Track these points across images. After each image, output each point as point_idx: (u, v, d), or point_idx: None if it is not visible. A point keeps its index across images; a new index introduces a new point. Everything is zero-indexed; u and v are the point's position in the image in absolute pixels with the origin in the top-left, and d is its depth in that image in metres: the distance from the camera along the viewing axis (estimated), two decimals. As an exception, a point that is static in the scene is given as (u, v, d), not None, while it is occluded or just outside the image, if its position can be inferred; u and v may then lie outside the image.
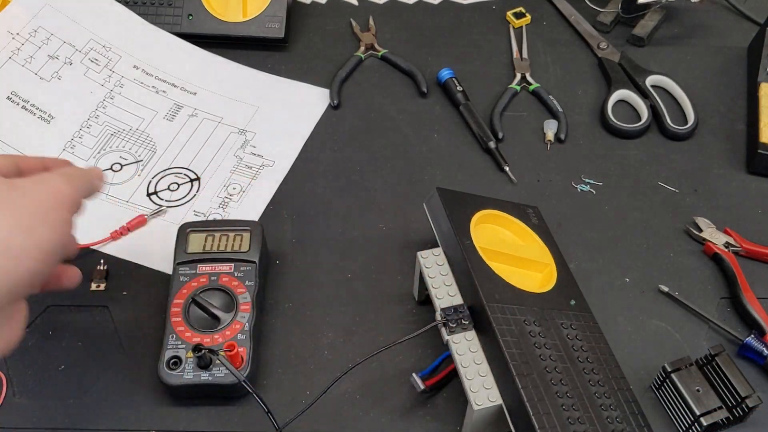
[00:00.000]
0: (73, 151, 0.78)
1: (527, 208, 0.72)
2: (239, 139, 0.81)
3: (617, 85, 0.88)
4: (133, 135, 0.81)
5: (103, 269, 0.70)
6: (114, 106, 0.82)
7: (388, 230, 0.75)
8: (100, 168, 0.63)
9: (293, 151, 0.81)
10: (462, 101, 0.85)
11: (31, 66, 0.81)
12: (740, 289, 0.69)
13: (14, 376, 0.64)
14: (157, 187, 0.77)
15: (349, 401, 0.63)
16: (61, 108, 0.81)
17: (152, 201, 0.76)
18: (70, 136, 0.79)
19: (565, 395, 0.55)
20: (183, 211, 0.76)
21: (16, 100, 0.79)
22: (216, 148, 0.81)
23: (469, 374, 0.56)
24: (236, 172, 0.79)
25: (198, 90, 0.86)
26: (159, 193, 0.77)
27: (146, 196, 0.76)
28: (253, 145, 0.81)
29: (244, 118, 0.84)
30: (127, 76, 0.85)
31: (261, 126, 0.83)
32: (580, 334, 0.61)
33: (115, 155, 0.79)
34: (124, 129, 0.81)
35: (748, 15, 0.97)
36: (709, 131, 0.85)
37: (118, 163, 0.78)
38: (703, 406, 0.60)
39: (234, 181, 0.78)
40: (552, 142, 0.83)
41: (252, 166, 0.79)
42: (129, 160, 0.79)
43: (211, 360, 0.61)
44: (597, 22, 0.96)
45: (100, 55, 0.85)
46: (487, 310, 0.57)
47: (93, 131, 0.80)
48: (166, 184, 0.77)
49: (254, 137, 0.82)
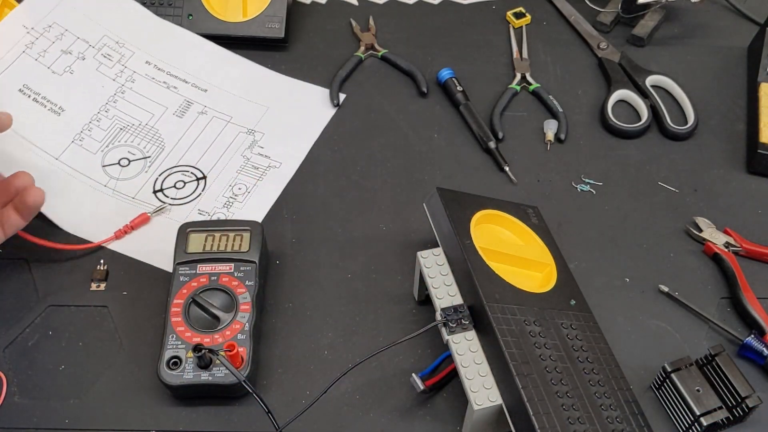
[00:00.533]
0: (82, 144, 0.79)
1: (527, 208, 0.72)
2: (247, 139, 0.82)
3: (617, 85, 0.88)
4: (142, 130, 0.81)
5: (103, 269, 0.70)
6: (124, 100, 0.83)
7: (388, 230, 0.75)
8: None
9: (300, 153, 0.81)
10: (462, 101, 0.85)
11: (44, 60, 0.82)
12: (740, 289, 0.69)
13: (14, 376, 0.64)
14: (163, 185, 0.77)
15: (349, 401, 0.63)
16: (72, 101, 0.81)
17: (158, 198, 0.76)
18: (80, 128, 0.80)
19: (565, 395, 0.55)
20: (188, 209, 0.76)
21: (27, 93, 0.79)
22: (224, 148, 0.81)
23: (469, 374, 0.56)
24: (242, 172, 0.79)
25: (209, 87, 0.86)
26: (165, 191, 0.77)
27: (152, 193, 0.77)
28: (261, 146, 0.81)
29: (253, 118, 0.84)
30: (139, 71, 0.85)
31: (270, 127, 0.83)
32: (580, 334, 0.61)
33: (123, 150, 0.79)
34: (134, 124, 0.81)
35: (748, 15, 0.97)
36: (709, 131, 0.85)
37: (125, 158, 0.79)
38: (703, 406, 0.60)
39: (240, 182, 0.78)
40: (552, 142, 0.83)
41: (258, 167, 0.79)
42: (137, 155, 0.79)
43: (211, 360, 0.61)
44: (597, 22, 0.96)
45: (113, 51, 0.86)
46: (487, 310, 0.57)
47: (102, 125, 0.80)
48: (173, 181, 0.78)
49: (262, 138, 0.82)
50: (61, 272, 0.71)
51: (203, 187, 0.77)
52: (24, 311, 0.68)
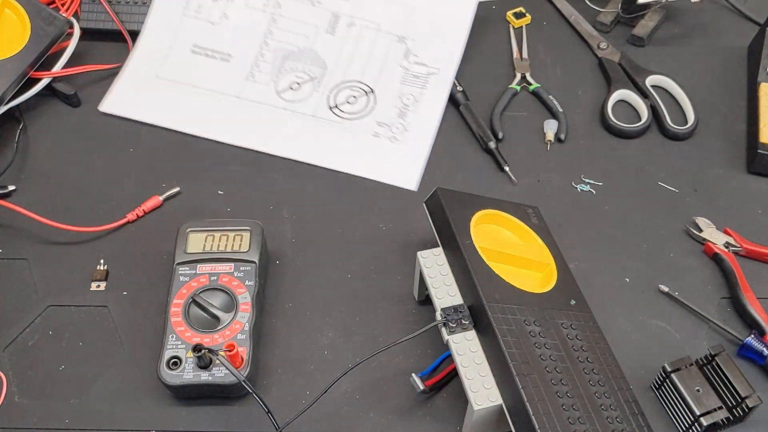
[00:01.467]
0: (254, 80, 0.85)
1: (527, 208, 0.72)
2: (400, 48, 0.86)
3: (617, 85, 0.88)
4: (302, 54, 0.86)
5: (103, 269, 0.70)
6: (279, 30, 0.87)
7: (388, 230, 0.75)
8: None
9: (455, 57, 0.86)
10: (462, 101, 0.85)
11: (201, 15, 0.88)
12: (740, 289, 0.69)
13: (14, 376, 0.64)
14: (336, 101, 0.82)
15: (349, 401, 0.63)
16: (236, 45, 0.87)
17: (334, 113, 0.82)
18: (249, 67, 0.86)
19: (565, 395, 0.55)
20: (367, 122, 0.82)
21: (198, 51, 0.87)
22: (381, 60, 0.85)
23: (469, 374, 0.56)
24: (406, 83, 0.84)
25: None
26: (339, 106, 0.82)
27: (328, 109, 0.82)
28: (415, 54, 0.85)
29: (400, 23, 0.87)
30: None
31: (418, 31, 0.87)
32: (580, 334, 0.61)
33: (291, 76, 0.85)
34: (293, 50, 0.87)
35: (748, 15, 0.97)
36: (709, 131, 0.85)
37: (296, 82, 0.85)
38: (703, 406, 0.60)
39: (406, 92, 0.83)
40: (552, 142, 0.83)
41: (419, 75, 0.84)
42: (305, 78, 0.85)
43: (211, 360, 0.61)
44: (597, 22, 0.96)
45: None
46: (487, 310, 0.57)
47: (267, 58, 0.86)
48: (345, 97, 0.83)
49: (414, 45, 0.86)
50: (61, 272, 0.71)
51: (374, 100, 0.82)
52: (24, 311, 0.68)
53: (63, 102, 0.85)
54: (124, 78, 0.86)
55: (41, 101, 0.84)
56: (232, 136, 0.81)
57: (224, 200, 0.77)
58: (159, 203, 0.76)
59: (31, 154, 0.80)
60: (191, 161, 0.80)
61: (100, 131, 0.83)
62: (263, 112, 0.84)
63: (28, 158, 0.80)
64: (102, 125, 0.83)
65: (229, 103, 0.84)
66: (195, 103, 0.84)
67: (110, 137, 0.82)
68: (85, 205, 0.76)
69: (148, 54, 0.87)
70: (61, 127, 0.83)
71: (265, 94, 0.85)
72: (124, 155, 0.80)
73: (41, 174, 0.78)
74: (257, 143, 0.81)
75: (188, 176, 0.79)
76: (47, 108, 0.85)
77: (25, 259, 0.71)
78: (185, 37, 0.88)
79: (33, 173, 0.79)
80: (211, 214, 0.75)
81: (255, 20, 0.88)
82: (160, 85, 0.85)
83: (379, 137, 0.81)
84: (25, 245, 0.72)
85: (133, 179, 0.78)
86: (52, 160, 0.80)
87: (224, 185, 0.78)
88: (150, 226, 0.75)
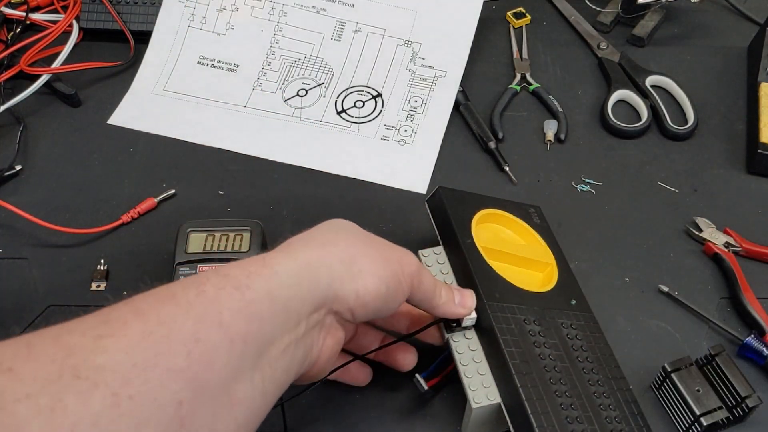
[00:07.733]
0: (261, 89, 0.86)
1: (529, 207, 0.72)
2: (407, 51, 0.86)
3: (617, 85, 0.88)
4: (308, 62, 0.87)
5: (103, 269, 0.70)
6: (284, 38, 0.88)
7: (388, 230, 0.75)
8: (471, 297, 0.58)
9: (461, 59, 0.86)
10: (462, 101, 0.85)
11: (206, 26, 0.88)
12: (740, 289, 0.69)
13: (14, 376, 0.64)
14: (344, 105, 0.83)
15: (349, 401, 0.63)
16: (243, 55, 0.88)
17: (342, 118, 0.82)
18: (256, 76, 0.87)
19: (564, 395, 0.55)
20: (374, 126, 0.82)
21: (204, 62, 0.87)
22: (387, 64, 0.85)
23: (468, 373, 0.56)
24: (413, 85, 0.84)
25: (354, 1, 0.89)
26: (347, 111, 0.83)
27: (336, 114, 0.82)
28: (421, 57, 0.86)
29: (406, 27, 0.87)
30: (288, 2, 0.89)
31: (424, 35, 0.87)
32: (580, 334, 0.61)
33: (298, 83, 0.86)
34: (300, 58, 0.87)
35: (748, 15, 0.98)
36: (709, 131, 0.85)
37: (303, 89, 0.85)
38: (703, 406, 0.60)
39: (413, 95, 0.83)
40: (552, 142, 0.83)
41: (426, 78, 0.85)
42: (311, 84, 0.85)
43: (211, 359, 0.60)
44: (597, 22, 0.96)
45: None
46: (488, 309, 0.57)
47: (273, 66, 0.87)
48: (352, 102, 0.84)
49: (420, 48, 0.86)
50: (61, 272, 0.71)
51: (382, 104, 0.83)
52: (24, 311, 0.68)
53: (63, 102, 0.85)
54: (132, 92, 0.86)
55: (41, 101, 0.85)
56: (241, 145, 0.81)
57: (224, 200, 0.77)
58: (154, 205, 0.76)
59: (32, 154, 0.80)
60: (191, 161, 0.80)
61: (101, 132, 0.83)
62: (271, 120, 0.84)
63: (29, 158, 0.80)
64: (102, 125, 0.83)
65: (236, 113, 0.85)
66: (203, 115, 0.84)
67: (110, 138, 0.82)
68: (85, 205, 0.76)
69: (155, 67, 0.87)
70: (62, 128, 0.83)
71: (272, 102, 0.85)
72: (124, 156, 0.81)
73: (41, 174, 0.79)
74: (266, 152, 0.81)
75: (188, 176, 0.79)
76: (47, 108, 0.85)
77: (26, 259, 0.71)
78: (191, 49, 0.88)
79: (33, 173, 0.79)
80: (211, 214, 0.75)
81: (261, 29, 0.88)
82: (168, 98, 0.85)
83: (388, 140, 0.81)
84: (25, 245, 0.72)
85: (133, 180, 0.78)
86: (53, 160, 0.80)
87: (224, 185, 0.78)
88: (150, 226, 0.75)
